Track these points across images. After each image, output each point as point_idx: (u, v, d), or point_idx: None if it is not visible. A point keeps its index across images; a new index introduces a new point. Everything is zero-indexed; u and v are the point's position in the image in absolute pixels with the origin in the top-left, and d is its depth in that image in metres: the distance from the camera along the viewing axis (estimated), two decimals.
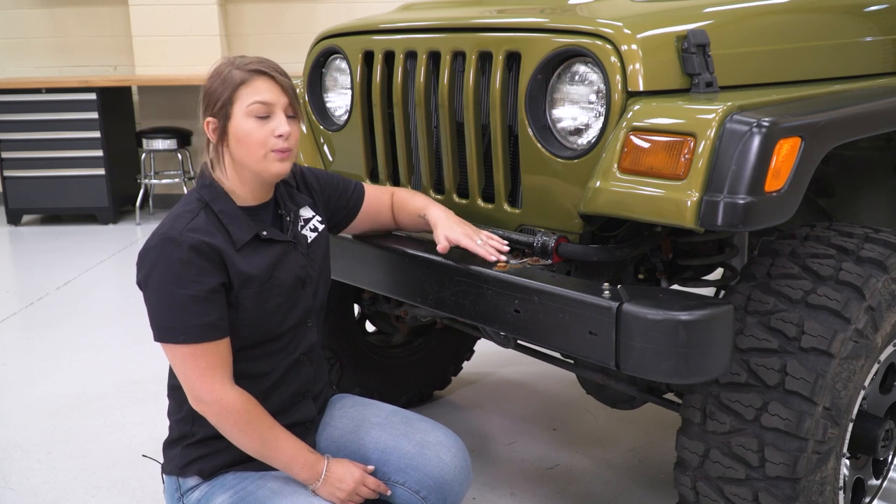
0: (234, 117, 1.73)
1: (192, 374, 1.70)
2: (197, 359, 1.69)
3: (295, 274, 1.84)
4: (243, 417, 1.71)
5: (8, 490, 2.67)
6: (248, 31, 7.17)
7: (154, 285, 1.69)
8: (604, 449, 2.89)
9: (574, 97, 1.85)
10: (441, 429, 1.95)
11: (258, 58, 1.79)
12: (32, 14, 7.17)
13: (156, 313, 1.70)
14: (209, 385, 1.69)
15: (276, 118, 1.74)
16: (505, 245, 1.88)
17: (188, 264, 1.66)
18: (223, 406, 1.70)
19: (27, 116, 6.45)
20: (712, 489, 1.76)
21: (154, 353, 3.71)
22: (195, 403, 1.73)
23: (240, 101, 1.73)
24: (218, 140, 1.77)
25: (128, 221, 6.81)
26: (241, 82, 1.73)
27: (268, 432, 1.75)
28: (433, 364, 3.19)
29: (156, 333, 1.71)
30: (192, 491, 1.81)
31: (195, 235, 1.68)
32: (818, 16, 2.12)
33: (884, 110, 1.89)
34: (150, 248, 1.70)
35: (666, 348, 1.53)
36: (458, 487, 1.88)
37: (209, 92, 1.76)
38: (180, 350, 1.69)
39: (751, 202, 1.54)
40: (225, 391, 1.70)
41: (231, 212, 1.76)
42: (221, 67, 1.77)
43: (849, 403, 1.71)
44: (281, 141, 1.74)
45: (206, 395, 1.70)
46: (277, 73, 1.76)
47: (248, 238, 1.76)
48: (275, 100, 1.74)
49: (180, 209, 1.76)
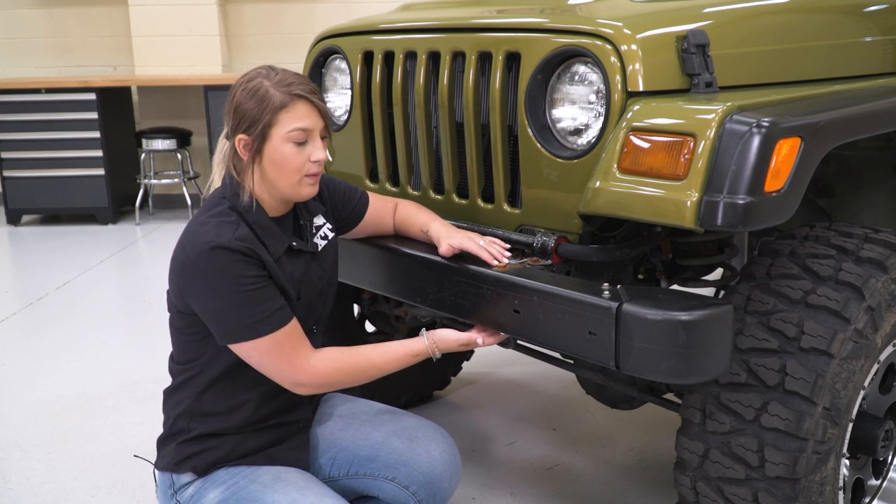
0: (271, 140, 1.72)
1: (282, 362, 1.72)
2: (282, 344, 1.71)
3: (316, 286, 1.87)
4: (344, 371, 1.79)
5: (8, 490, 2.67)
6: (247, 31, 7.17)
7: (216, 293, 1.68)
8: (603, 449, 2.89)
9: (574, 97, 1.85)
10: (430, 425, 1.97)
11: (296, 77, 1.76)
12: (32, 14, 7.17)
13: (227, 317, 1.69)
14: (301, 365, 1.74)
15: (312, 143, 1.75)
16: (507, 252, 1.88)
17: (243, 263, 1.67)
18: (322, 376, 1.76)
19: (27, 116, 6.45)
20: (712, 489, 1.76)
21: (154, 353, 3.73)
22: (297, 388, 1.77)
23: (280, 125, 1.71)
24: (250, 159, 1.75)
25: (127, 222, 6.80)
26: (282, 106, 1.71)
27: (366, 364, 1.82)
28: (433, 364, 3.17)
29: (230, 337, 1.70)
30: (186, 487, 1.82)
31: (244, 244, 1.68)
32: (818, 16, 2.12)
33: (884, 110, 1.89)
34: (198, 256, 1.68)
35: (666, 348, 1.53)
36: (448, 483, 1.90)
37: (244, 109, 1.73)
38: (265, 342, 1.70)
39: (750, 202, 1.54)
40: (314, 364, 1.75)
41: (265, 223, 1.77)
42: (256, 84, 1.73)
43: (848, 403, 1.71)
44: (316, 166, 1.75)
45: (304, 376, 1.74)
46: (315, 96, 1.75)
47: (283, 250, 1.77)
48: (313, 125, 1.74)
49: (218, 218, 1.73)
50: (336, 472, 1.91)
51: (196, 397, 1.82)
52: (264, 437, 1.85)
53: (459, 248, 1.88)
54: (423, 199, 2.19)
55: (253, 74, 1.76)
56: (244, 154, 1.75)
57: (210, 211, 1.76)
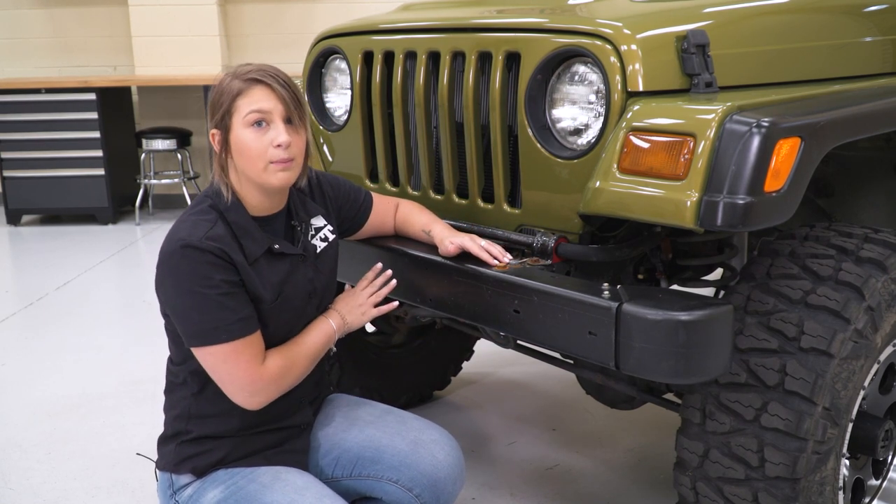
0: (233, 128, 1.72)
1: (237, 371, 1.70)
2: (240, 354, 1.69)
3: (303, 289, 1.84)
4: (288, 368, 1.76)
5: (8, 490, 2.67)
6: (247, 32, 7.17)
7: (182, 291, 1.67)
8: (603, 449, 2.89)
9: (574, 97, 1.85)
10: (435, 428, 1.95)
11: (259, 66, 1.75)
12: (32, 14, 7.17)
13: (189, 319, 1.68)
14: (255, 374, 1.71)
15: (274, 127, 1.71)
16: (507, 255, 1.88)
17: (213, 265, 1.66)
18: (273, 380, 1.74)
19: (27, 116, 6.45)
20: (712, 489, 1.76)
21: (153, 353, 3.73)
22: (249, 400, 1.73)
23: (238, 111, 1.71)
24: (221, 151, 1.75)
25: (127, 222, 6.80)
26: (239, 92, 1.71)
27: (302, 354, 1.81)
28: (433, 364, 3.19)
29: (193, 339, 1.70)
30: (185, 488, 1.82)
31: (216, 244, 1.67)
32: (818, 16, 2.12)
33: (884, 110, 1.89)
34: (170, 253, 1.68)
35: (665, 348, 1.53)
36: (452, 486, 1.89)
37: (212, 103, 1.74)
38: (222, 349, 1.68)
39: (750, 202, 1.54)
40: (267, 370, 1.73)
41: (244, 224, 1.75)
42: (223, 77, 1.75)
43: (848, 404, 1.71)
44: (280, 151, 1.71)
45: (259, 383, 1.72)
46: (275, 80, 1.72)
47: (261, 253, 1.75)
48: (271, 108, 1.70)
49: (197, 216, 1.73)
50: (339, 473, 1.91)
51: (193, 399, 1.82)
52: (264, 440, 1.84)
53: (461, 246, 1.88)
54: (423, 199, 2.19)
55: (225, 71, 1.78)
56: (217, 148, 1.76)
57: (193, 209, 1.77)
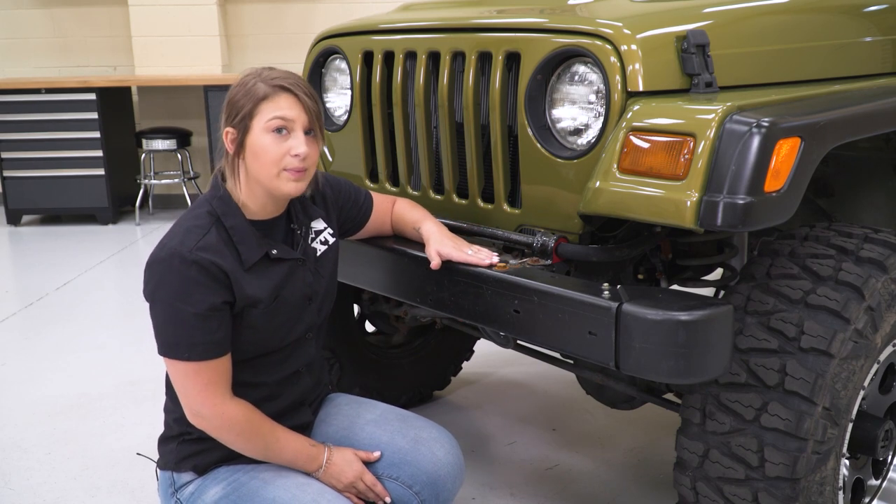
0: (252, 131, 1.71)
1: (192, 390, 1.70)
2: (199, 375, 1.69)
3: (301, 292, 1.83)
4: (245, 427, 1.73)
5: (8, 490, 2.67)
6: (247, 32, 7.17)
7: (160, 300, 1.68)
8: (603, 449, 2.89)
9: (574, 97, 1.85)
10: (435, 426, 1.96)
11: (286, 73, 1.76)
12: (32, 14, 7.17)
13: (161, 328, 1.70)
14: (210, 400, 1.70)
15: (294, 136, 1.72)
16: (495, 257, 1.87)
17: (195, 282, 1.65)
18: (224, 419, 1.71)
19: (27, 117, 6.45)
20: (712, 489, 1.76)
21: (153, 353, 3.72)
22: (193, 418, 1.73)
23: (260, 115, 1.70)
24: (235, 152, 1.75)
25: (127, 222, 6.80)
26: (265, 97, 1.70)
27: (269, 436, 1.76)
28: (433, 364, 3.19)
29: (160, 348, 1.71)
30: (187, 486, 1.82)
31: (205, 255, 1.66)
32: (818, 16, 2.12)
33: (884, 110, 1.89)
34: (158, 260, 1.69)
35: (665, 348, 1.53)
36: (451, 484, 1.90)
37: (232, 102, 1.74)
38: (183, 366, 1.69)
39: (750, 202, 1.54)
40: (225, 405, 1.71)
41: (242, 228, 1.75)
42: (247, 78, 1.74)
43: (848, 403, 1.71)
44: (296, 161, 1.71)
45: (207, 410, 1.71)
46: (302, 90, 1.73)
47: (257, 258, 1.75)
48: (295, 117, 1.71)
49: (191, 222, 1.73)
50: None
51: None
52: None
53: (447, 257, 1.88)
54: (423, 199, 2.19)
55: (248, 72, 1.77)
56: (230, 147, 1.75)
57: (190, 213, 1.77)
